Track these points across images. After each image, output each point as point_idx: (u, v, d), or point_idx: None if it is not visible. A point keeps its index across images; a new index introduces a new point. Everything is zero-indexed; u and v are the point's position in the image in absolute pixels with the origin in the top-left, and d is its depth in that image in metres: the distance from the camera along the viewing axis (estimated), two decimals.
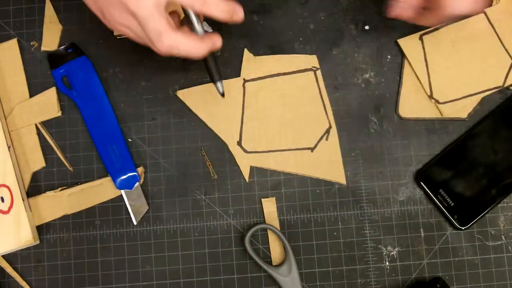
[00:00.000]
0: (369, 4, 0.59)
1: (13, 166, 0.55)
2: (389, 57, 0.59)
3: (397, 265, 0.56)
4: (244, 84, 0.58)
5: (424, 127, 0.58)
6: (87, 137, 0.57)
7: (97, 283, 0.56)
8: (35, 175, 0.57)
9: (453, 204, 0.55)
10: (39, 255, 0.56)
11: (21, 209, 0.54)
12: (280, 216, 0.57)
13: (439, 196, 0.56)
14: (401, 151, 0.57)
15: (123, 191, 0.56)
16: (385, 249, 0.56)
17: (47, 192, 0.56)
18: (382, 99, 0.58)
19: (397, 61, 0.58)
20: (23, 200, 0.55)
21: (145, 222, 0.57)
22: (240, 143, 0.57)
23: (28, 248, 0.56)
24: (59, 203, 0.56)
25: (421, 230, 0.56)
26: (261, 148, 0.57)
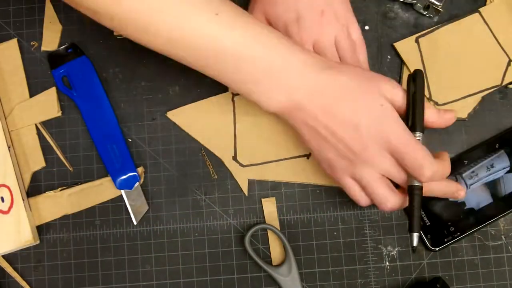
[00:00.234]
0: (369, 4, 0.59)
1: (13, 166, 0.55)
2: (389, 57, 0.59)
3: (397, 265, 0.56)
4: (233, 98, 0.57)
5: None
6: (87, 137, 0.57)
7: (97, 283, 0.56)
8: (35, 175, 0.57)
9: (428, 223, 0.55)
10: (39, 255, 0.56)
11: (21, 209, 0.54)
12: (280, 216, 0.57)
13: None
14: None
15: (123, 191, 0.56)
16: (385, 249, 0.56)
17: (47, 192, 0.56)
18: None
19: (397, 61, 0.58)
20: (23, 200, 0.55)
21: (145, 222, 0.57)
22: (235, 158, 0.57)
23: (28, 248, 0.56)
24: (59, 203, 0.56)
25: (421, 230, 0.56)
26: (257, 160, 0.57)
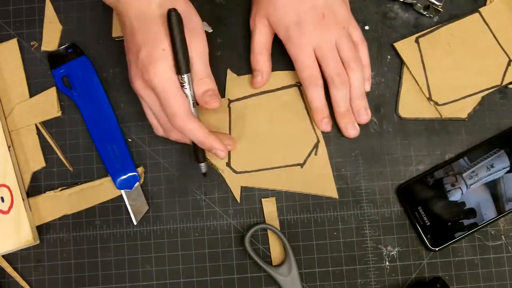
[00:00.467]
0: (369, 4, 0.59)
1: (13, 166, 0.55)
2: (389, 57, 0.59)
3: (397, 265, 0.56)
4: (229, 104, 0.57)
5: (424, 127, 0.58)
6: (87, 137, 0.57)
7: (97, 283, 0.56)
8: (35, 175, 0.57)
9: (428, 223, 0.55)
10: (39, 255, 0.56)
11: (21, 209, 0.54)
12: (280, 216, 0.57)
13: (416, 213, 0.56)
14: (401, 151, 0.57)
15: (123, 191, 0.56)
16: (385, 249, 0.56)
17: (47, 192, 0.56)
18: (382, 99, 0.58)
19: (397, 61, 0.58)
20: (23, 200, 0.55)
21: (145, 222, 0.57)
22: (229, 164, 0.57)
23: (28, 248, 0.56)
24: (59, 203, 0.56)
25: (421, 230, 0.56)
26: (250, 167, 0.57)
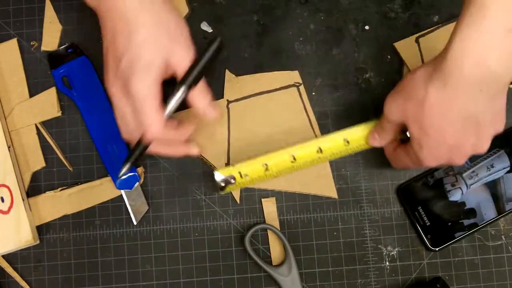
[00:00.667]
0: (369, 4, 0.59)
1: (13, 166, 0.55)
2: (389, 57, 0.59)
3: (397, 265, 0.56)
4: (228, 105, 0.57)
5: None
6: (87, 137, 0.57)
7: (97, 283, 0.56)
8: (35, 175, 0.57)
9: (428, 223, 0.55)
10: (39, 255, 0.56)
11: (21, 209, 0.54)
12: (280, 216, 0.57)
13: (416, 213, 0.56)
14: None
15: (123, 191, 0.56)
16: (385, 249, 0.56)
17: (47, 192, 0.56)
18: (382, 99, 0.58)
19: (397, 61, 0.58)
20: (23, 200, 0.55)
21: (145, 222, 0.57)
22: (228, 164, 0.56)
23: (28, 248, 0.56)
24: (59, 203, 0.56)
25: (421, 230, 0.56)
26: None
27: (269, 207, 0.56)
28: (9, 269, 0.56)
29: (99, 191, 0.57)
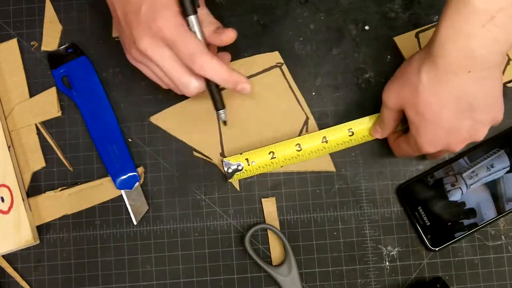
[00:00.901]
0: (369, 4, 0.59)
1: (13, 166, 0.55)
2: (389, 57, 0.59)
3: (397, 265, 0.56)
4: None
5: None
6: (87, 137, 0.57)
7: (97, 283, 0.56)
8: (35, 175, 0.57)
9: (428, 223, 0.55)
10: (39, 255, 0.56)
11: (21, 209, 0.54)
12: (280, 216, 0.57)
13: (416, 213, 0.56)
14: None
15: (123, 191, 0.56)
16: (385, 249, 0.56)
17: (47, 192, 0.56)
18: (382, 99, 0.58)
19: (397, 61, 0.58)
20: (23, 200, 0.55)
21: (145, 222, 0.57)
22: (223, 154, 0.57)
23: (28, 248, 0.56)
24: (59, 203, 0.56)
25: (421, 230, 0.56)
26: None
27: (269, 207, 0.56)
28: (9, 269, 0.56)
29: (99, 191, 0.57)
